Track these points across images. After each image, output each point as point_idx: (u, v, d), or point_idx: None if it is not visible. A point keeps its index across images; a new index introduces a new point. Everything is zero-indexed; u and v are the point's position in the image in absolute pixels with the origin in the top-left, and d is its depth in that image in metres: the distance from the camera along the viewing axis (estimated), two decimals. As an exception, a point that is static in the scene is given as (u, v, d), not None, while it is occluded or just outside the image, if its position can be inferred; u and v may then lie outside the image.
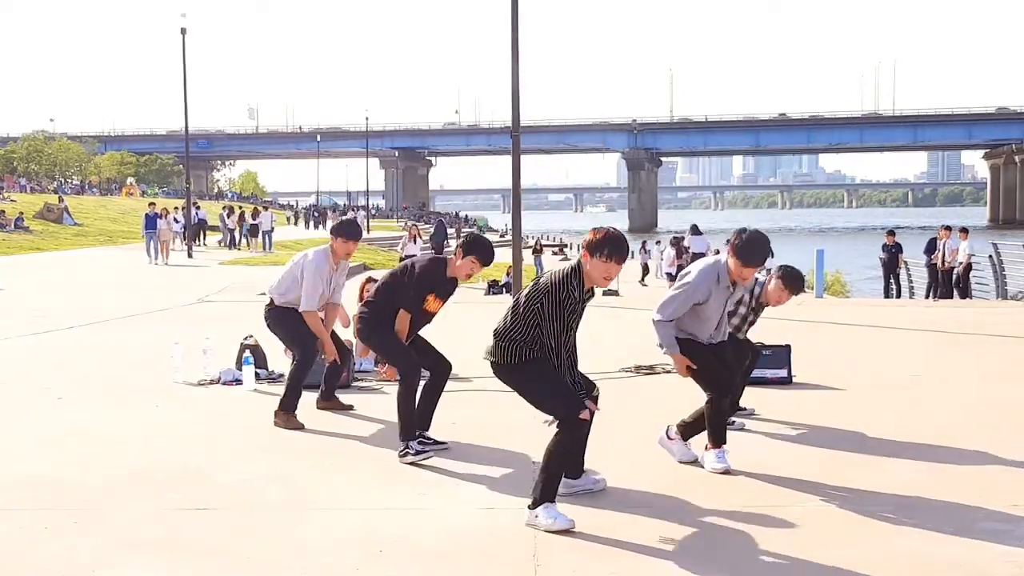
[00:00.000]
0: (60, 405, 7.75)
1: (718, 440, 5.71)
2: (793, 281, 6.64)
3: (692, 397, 7.87)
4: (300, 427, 6.84)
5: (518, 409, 5.79)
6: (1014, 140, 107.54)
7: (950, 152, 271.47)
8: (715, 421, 5.71)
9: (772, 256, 6.12)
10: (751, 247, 5.54)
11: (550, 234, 73.87)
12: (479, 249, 6.01)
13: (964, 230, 21.59)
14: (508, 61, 16.88)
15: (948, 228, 21.81)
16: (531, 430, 5.01)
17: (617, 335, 11.04)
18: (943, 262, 20.76)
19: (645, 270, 33.64)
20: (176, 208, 41.16)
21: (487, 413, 7.17)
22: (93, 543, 4.53)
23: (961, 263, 20.73)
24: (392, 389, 6.82)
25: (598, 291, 5.77)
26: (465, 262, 5.96)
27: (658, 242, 40.16)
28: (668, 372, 8.91)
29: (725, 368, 5.84)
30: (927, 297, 20.86)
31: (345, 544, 4.48)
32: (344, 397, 7.68)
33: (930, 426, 6.62)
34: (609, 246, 4.58)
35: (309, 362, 7.13)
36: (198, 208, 42.10)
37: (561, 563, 4.25)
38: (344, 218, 8.02)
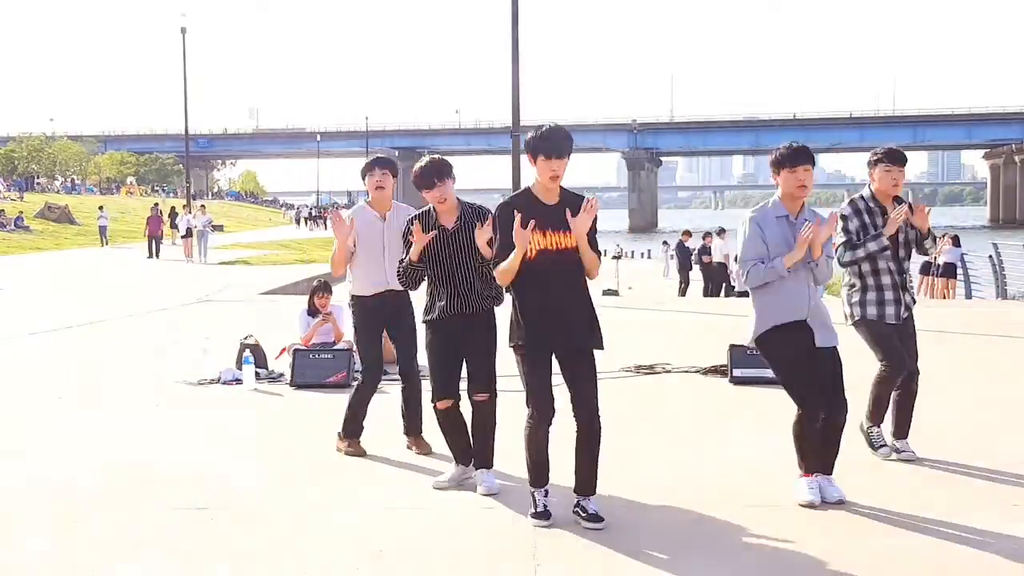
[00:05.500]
0: (60, 405, 7.76)
1: (805, 466, 5.08)
2: (881, 155, 5.70)
3: (693, 397, 7.89)
4: (362, 453, 6.09)
5: (518, 408, 5.78)
6: (1014, 140, 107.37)
7: (950, 152, 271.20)
8: (796, 440, 5.09)
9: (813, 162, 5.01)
10: (791, 148, 4.99)
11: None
12: None
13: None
14: (508, 61, 16.91)
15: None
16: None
17: (618, 335, 11.03)
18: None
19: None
20: (172, 208, 41.21)
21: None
22: (93, 543, 4.54)
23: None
24: (392, 388, 6.82)
25: (597, 291, 5.71)
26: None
27: (665, 242, 39.97)
28: (668, 372, 8.92)
29: (805, 376, 4.98)
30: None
31: (345, 544, 4.48)
32: (341, 397, 7.63)
33: (929, 426, 6.61)
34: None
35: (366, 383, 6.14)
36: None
37: (561, 563, 4.25)
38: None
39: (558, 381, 4.74)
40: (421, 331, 5.67)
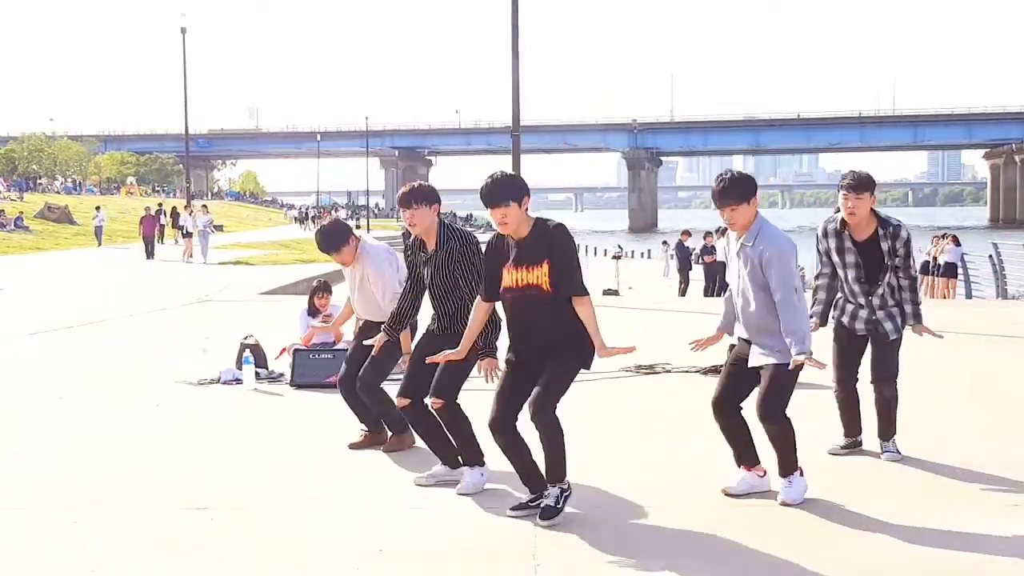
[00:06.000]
0: (60, 405, 7.76)
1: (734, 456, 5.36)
2: (842, 181, 5.70)
3: (693, 397, 7.88)
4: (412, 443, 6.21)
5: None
6: (1014, 140, 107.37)
7: (950, 152, 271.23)
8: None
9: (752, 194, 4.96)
10: (715, 190, 5.00)
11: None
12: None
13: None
14: (508, 61, 16.90)
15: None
16: (531, 429, 5.00)
17: (617, 335, 10.98)
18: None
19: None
20: (173, 208, 41.14)
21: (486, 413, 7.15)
22: (93, 543, 4.54)
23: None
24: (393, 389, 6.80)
25: (597, 290, 5.75)
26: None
27: (665, 242, 40.03)
28: (668, 372, 8.91)
29: (720, 379, 5.42)
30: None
31: (345, 544, 4.48)
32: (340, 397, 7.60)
33: (929, 426, 6.62)
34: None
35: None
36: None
37: (561, 563, 4.25)
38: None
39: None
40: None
